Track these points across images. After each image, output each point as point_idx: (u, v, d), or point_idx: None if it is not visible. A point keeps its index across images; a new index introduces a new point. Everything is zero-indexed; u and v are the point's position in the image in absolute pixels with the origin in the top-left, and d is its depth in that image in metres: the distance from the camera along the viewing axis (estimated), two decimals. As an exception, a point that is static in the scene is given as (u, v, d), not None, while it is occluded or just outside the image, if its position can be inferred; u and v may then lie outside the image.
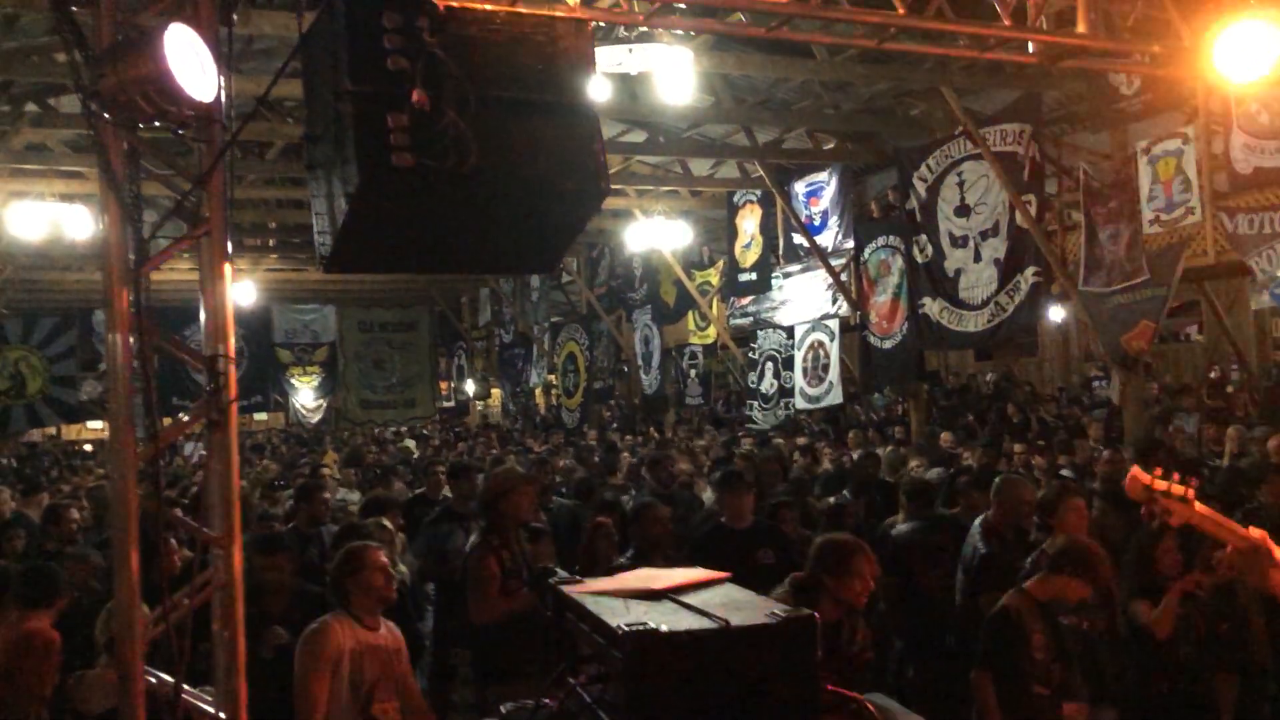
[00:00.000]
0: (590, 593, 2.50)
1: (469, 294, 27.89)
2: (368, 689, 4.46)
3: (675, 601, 2.39)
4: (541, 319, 23.35)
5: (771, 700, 2.11)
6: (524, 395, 24.96)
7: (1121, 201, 11.53)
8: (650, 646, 2.05)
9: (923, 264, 13.84)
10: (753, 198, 16.94)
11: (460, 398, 29.03)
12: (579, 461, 12.72)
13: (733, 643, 2.12)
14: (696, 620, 2.21)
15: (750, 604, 2.36)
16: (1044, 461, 9.92)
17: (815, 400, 15.87)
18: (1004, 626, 4.68)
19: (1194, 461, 8.95)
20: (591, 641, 2.28)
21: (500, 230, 3.72)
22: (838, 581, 4.35)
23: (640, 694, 2.06)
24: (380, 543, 5.96)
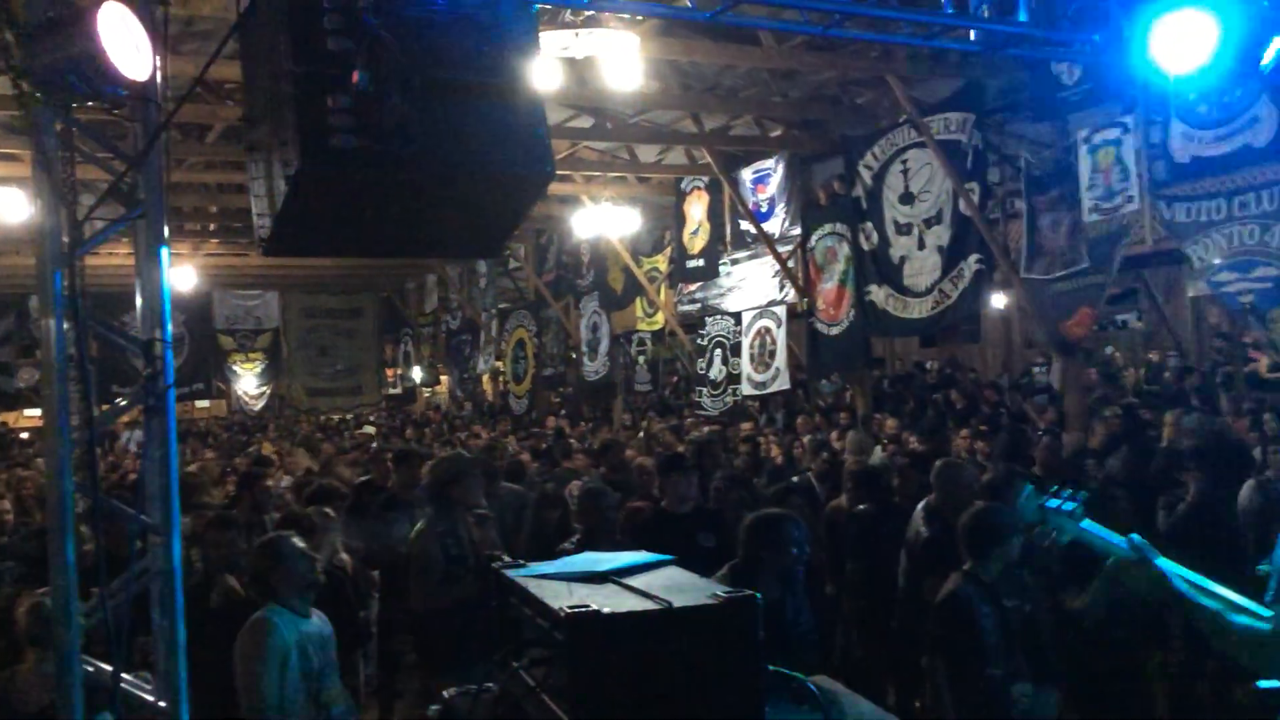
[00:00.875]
0: (533, 576, 2.51)
1: (415, 280, 27.65)
2: (317, 676, 4.44)
3: (618, 584, 2.40)
4: (489, 305, 23.23)
5: (714, 681, 2.12)
6: (471, 382, 24.83)
7: (1062, 190, 11.69)
8: (592, 628, 2.06)
9: (869, 251, 13.95)
10: (700, 184, 16.97)
11: (407, 385, 28.82)
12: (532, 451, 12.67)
13: (675, 624, 2.13)
14: (639, 602, 2.22)
15: (693, 586, 2.37)
16: (986, 447, 10.04)
17: (762, 386, 15.96)
18: (954, 610, 4.74)
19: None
20: (534, 625, 2.28)
21: (443, 214, 3.70)
22: (774, 553, 4.41)
23: (582, 676, 2.06)
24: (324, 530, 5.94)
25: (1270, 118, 9.69)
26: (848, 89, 13.99)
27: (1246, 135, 10.03)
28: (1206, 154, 10.37)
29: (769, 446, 11.52)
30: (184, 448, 16.06)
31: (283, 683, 4.26)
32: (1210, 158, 10.33)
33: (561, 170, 16.31)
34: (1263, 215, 9.95)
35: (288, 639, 4.34)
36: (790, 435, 12.89)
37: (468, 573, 5.14)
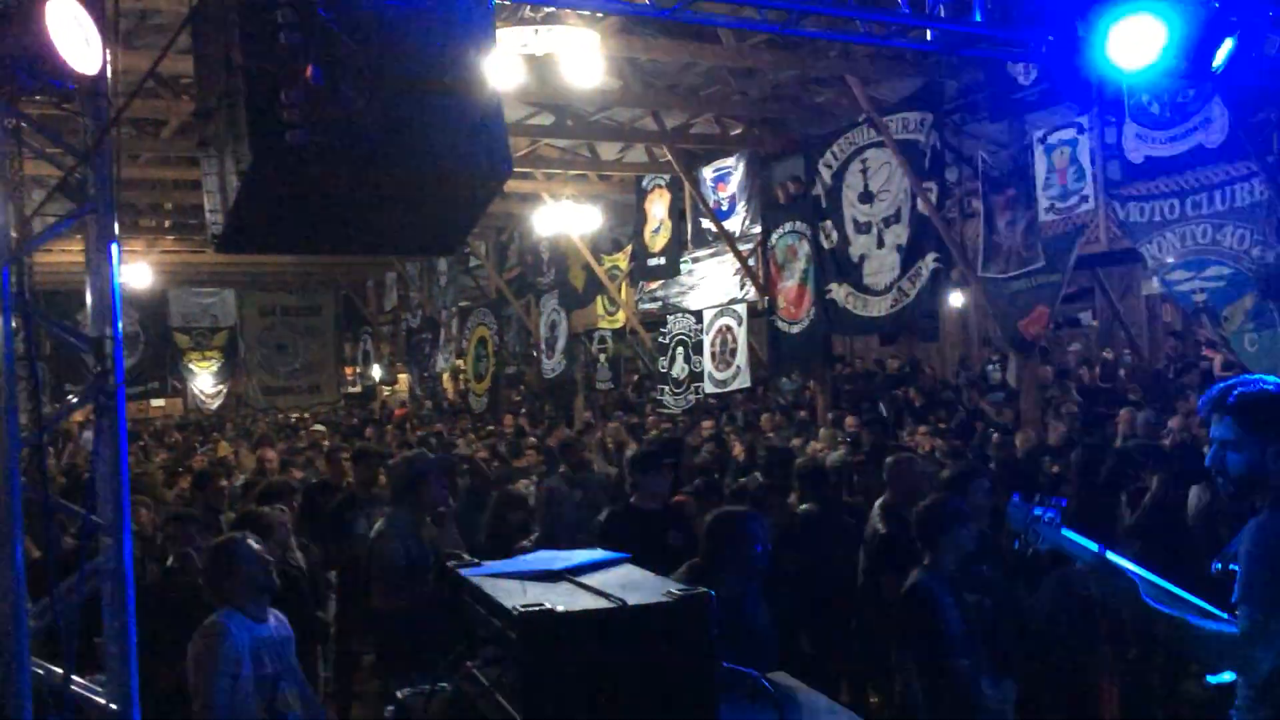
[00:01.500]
0: (487, 575, 2.49)
1: (374, 278, 27.45)
2: (271, 682, 4.38)
3: (573, 582, 2.39)
4: (449, 303, 23.11)
5: (668, 679, 2.11)
6: (432, 380, 24.71)
7: (1018, 189, 11.81)
8: (545, 627, 2.04)
9: (829, 249, 14.02)
10: (661, 182, 16.98)
11: (366, 383, 28.61)
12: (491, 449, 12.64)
13: (629, 622, 2.12)
14: (593, 600, 2.21)
15: (648, 584, 2.36)
16: (944, 444, 10.12)
17: (723, 384, 16.00)
18: (918, 603, 4.77)
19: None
20: (488, 624, 2.27)
21: (399, 211, 3.66)
22: (734, 551, 4.41)
23: (536, 675, 2.05)
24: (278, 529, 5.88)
25: (1222, 118, 9.83)
26: (808, 88, 14.05)
27: (1199, 136, 10.17)
28: (1160, 154, 10.52)
29: (732, 444, 11.54)
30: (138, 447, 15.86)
31: (234, 689, 4.20)
32: (1164, 158, 10.47)
33: (522, 168, 16.25)
34: (1215, 215, 10.11)
35: (240, 644, 4.27)
36: (753, 433, 12.94)
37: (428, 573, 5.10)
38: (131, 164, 15.18)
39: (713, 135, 15.66)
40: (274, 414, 25.04)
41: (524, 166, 16.21)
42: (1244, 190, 9.92)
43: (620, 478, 8.23)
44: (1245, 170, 9.80)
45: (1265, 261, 9.72)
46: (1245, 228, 9.90)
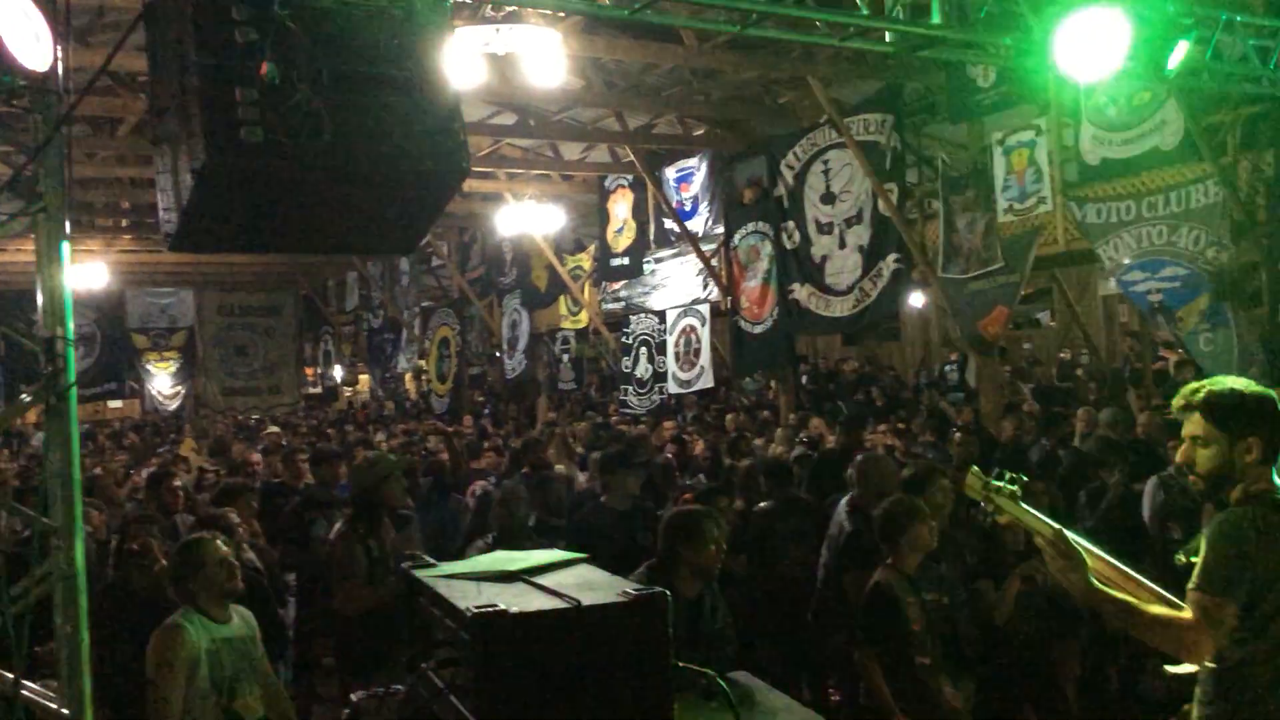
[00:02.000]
0: (443, 576, 2.47)
1: (335, 277, 27.25)
2: (229, 684, 4.33)
3: (528, 583, 2.37)
4: (412, 304, 23.00)
5: (623, 678, 2.11)
6: (394, 381, 24.56)
7: (977, 191, 11.91)
8: (499, 628, 2.03)
9: (791, 250, 14.08)
10: (624, 183, 16.98)
11: (328, 384, 28.40)
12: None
13: (583, 622, 2.11)
14: (547, 600, 2.19)
15: (604, 584, 2.35)
16: (904, 445, 10.18)
17: (687, 385, 16.03)
18: (880, 601, 4.80)
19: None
20: (443, 625, 2.25)
21: (356, 209, 3.63)
22: (692, 550, 4.42)
23: (490, 676, 2.04)
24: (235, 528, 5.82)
25: (1177, 121, 9.95)
26: (769, 89, 14.10)
27: (1155, 138, 10.29)
28: (1116, 156, 10.63)
29: (694, 443, 11.55)
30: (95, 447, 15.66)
31: (189, 691, 4.15)
32: (1120, 159, 10.58)
33: (485, 168, 16.20)
34: (1170, 216, 10.23)
35: (198, 646, 4.22)
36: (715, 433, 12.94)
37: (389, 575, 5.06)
38: (88, 162, 14.99)
39: (675, 135, 15.68)
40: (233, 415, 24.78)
41: (486, 166, 16.17)
42: (1199, 192, 10.05)
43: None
44: (1200, 172, 9.93)
45: (1220, 262, 9.85)
46: (1200, 229, 10.02)
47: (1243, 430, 3.05)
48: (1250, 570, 2.92)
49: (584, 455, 10.37)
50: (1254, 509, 2.99)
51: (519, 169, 17.01)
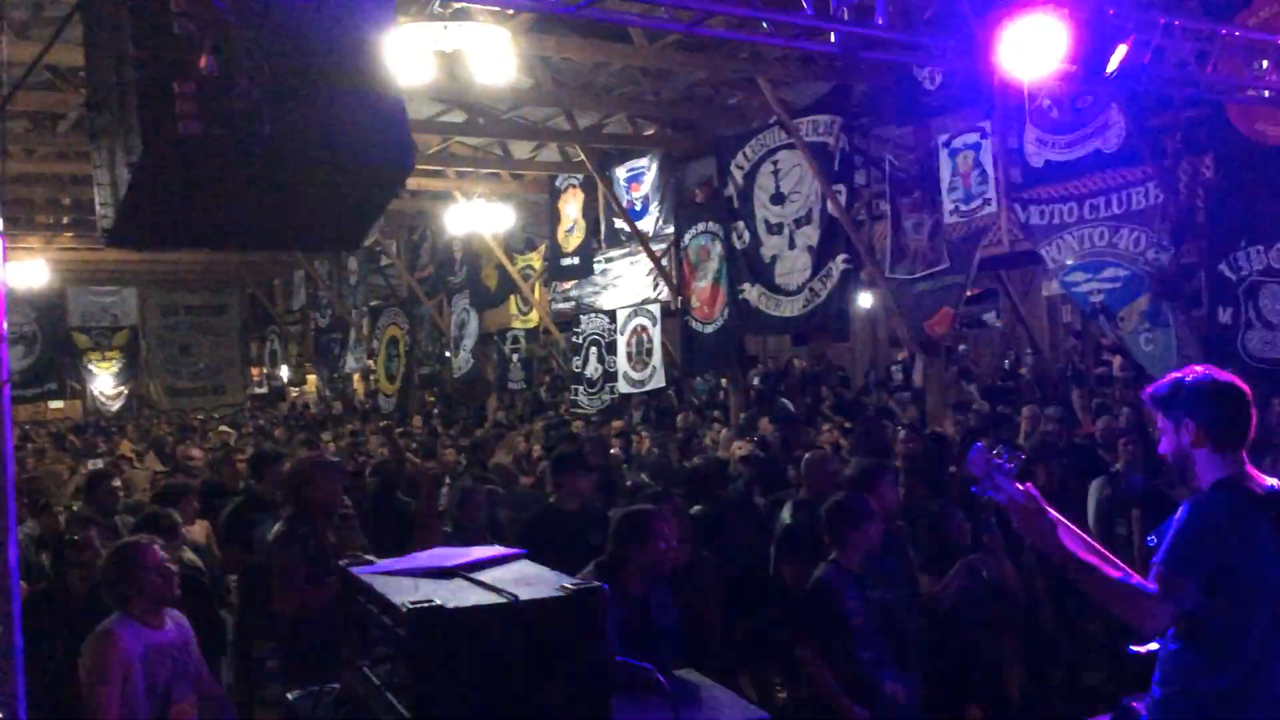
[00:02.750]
0: (380, 573, 2.44)
1: (281, 276, 26.92)
2: (163, 691, 4.25)
3: (466, 578, 2.35)
4: (360, 303, 22.80)
5: (561, 673, 2.10)
6: (341, 381, 24.33)
7: (924, 192, 12.04)
8: (434, 623, 2.01)
9: (741, 250, 14.15)
10: (575, 182, 16.95)
11: (274, 384, 28.07)
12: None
13: (520, 617, 2.09)
14: (484, 596, 2.18)
15: (543, 579, 2.34)
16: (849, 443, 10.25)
17: (639, 385, 16.03)
18: (819, 597, 4.83)
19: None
20: (379, 622, 2.23)
21: (298, 206, 3.58)
22: (641, 549, 4.43)
23: (425, 672, 2.02)
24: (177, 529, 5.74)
25: (1119, 124, 10.13)
26: (719, 90, 14.16)
27: (1097, 141, 10.46)
28: (1059, 159, 10.80)
29: (641, 442, 11.56)
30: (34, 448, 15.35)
31: (124, 698, 4.07)
32: (1063, 162, 10.75)
33: (434, 166, 16.10)
34: (1112, 218, 10.41)
35: (132, 652, 4.13)
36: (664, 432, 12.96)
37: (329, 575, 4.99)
38: (27, 158, 14.72)
39: (625, 135, 15.68)
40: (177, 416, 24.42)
41: (436, 164, 16.08)
42: (1139, 194, 10.24)
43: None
44: (1141, 175, 10.11)
45: (1159, 263, 10.05)
46: (1141, 231, 10.21)
47: (1180, 414, 3.18)
48: (1215, 552, 3.01)
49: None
50: (1226, 494, 3.10)
51: (468, 168, 16.93)
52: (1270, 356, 9.53)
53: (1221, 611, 3.03)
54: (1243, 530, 3.04)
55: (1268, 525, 3.07)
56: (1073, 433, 9.32)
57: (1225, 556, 3.02)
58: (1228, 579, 3.02)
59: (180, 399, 26.33)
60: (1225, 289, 9.75)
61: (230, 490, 8.39)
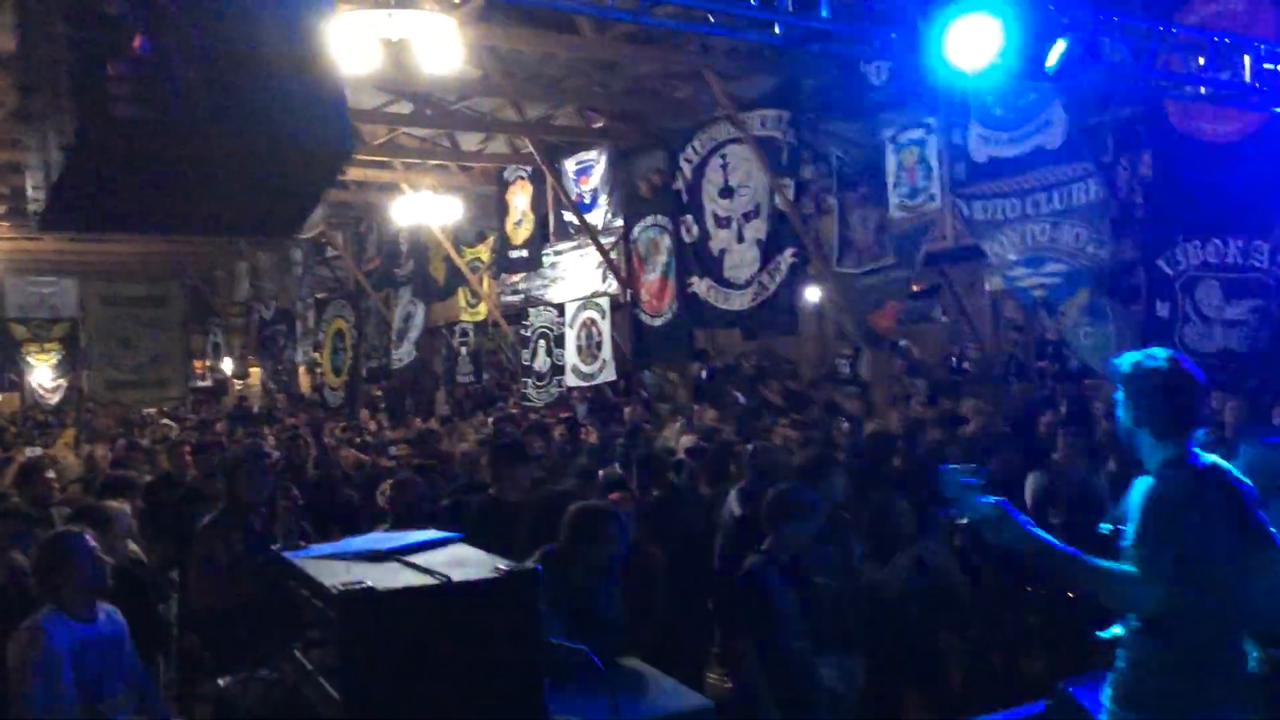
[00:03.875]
0: (313, 557, 2.42)
1: (224, 267, 26.52)
2: (93, 685, 4.17)
3: (400, 561, 2.34)
4: (305, 295, 22.54)
5: (494, 655, 2.09)
6: (286, 374, 24.04)
7: (870, 187, 12.14)
8: (364, 605, 1.99)
9: (690, 244, 14.18)
10: (523, 174, 16.89)
11: (217, 377, 27.67)
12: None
13: (452, 599, 2.08)
14: (416, 577, 2.17)
15: (477, 562, 2.33)
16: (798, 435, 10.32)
17: (589, 378, 16.01)
18: (751, 588, 4.85)
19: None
20: (311, 605, 2.20)
21: (235, 190, 3.53)
22: (590, 547, 4.43)
23: (356, 654, 2.00)
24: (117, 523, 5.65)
25: (1061, 121, 10.27)
26: (668, 82, 14.15)
27: (1039, 138, 10.60)
28: (1002, 155, 10.93)
29: (589, 433, 11.56)
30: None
31: (51, 693, 3.99)
32: (1006, 158, 10.88)
33: (380, 157, 15.96)
34: (1053, 214, 10.55)
35: (60, 647, 4.05)
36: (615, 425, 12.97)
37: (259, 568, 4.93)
38: (-40, 145, 14.37)
39: (574, 128, 15.63)
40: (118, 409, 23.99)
41: (382, 155, 15.93)
42: (1080, 190, 10.39)
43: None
44: (1082, 171, 10.26)
45: (1099, 259, 10.20)
46: (1081, 226, 10.36)
47: (1131, 393, 3.36)
48: (1182, 528, 3.12)
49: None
50: (1176, 473, 3.22)
51: (415, 159, 16.79)
52: (1206, 350, 9.71)
53: (1188, 586, 3.11)
54: (1200, 506, 3.15)
55: (1217, 496, 3.18)
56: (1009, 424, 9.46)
57: (1189, 532, 3.12)
58: (1193, 554, 3.12)
59: (121, 392, 25.84)
60: (1163, 284, 9.92)
61: (179, 482, 8.28)
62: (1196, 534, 3.13)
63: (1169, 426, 3.28)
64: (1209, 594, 3.14)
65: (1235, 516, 3.19)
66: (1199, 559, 3.12)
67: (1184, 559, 3.12)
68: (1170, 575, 3.10)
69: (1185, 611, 3.15)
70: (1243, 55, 6.69)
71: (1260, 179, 9.31)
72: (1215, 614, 3.15)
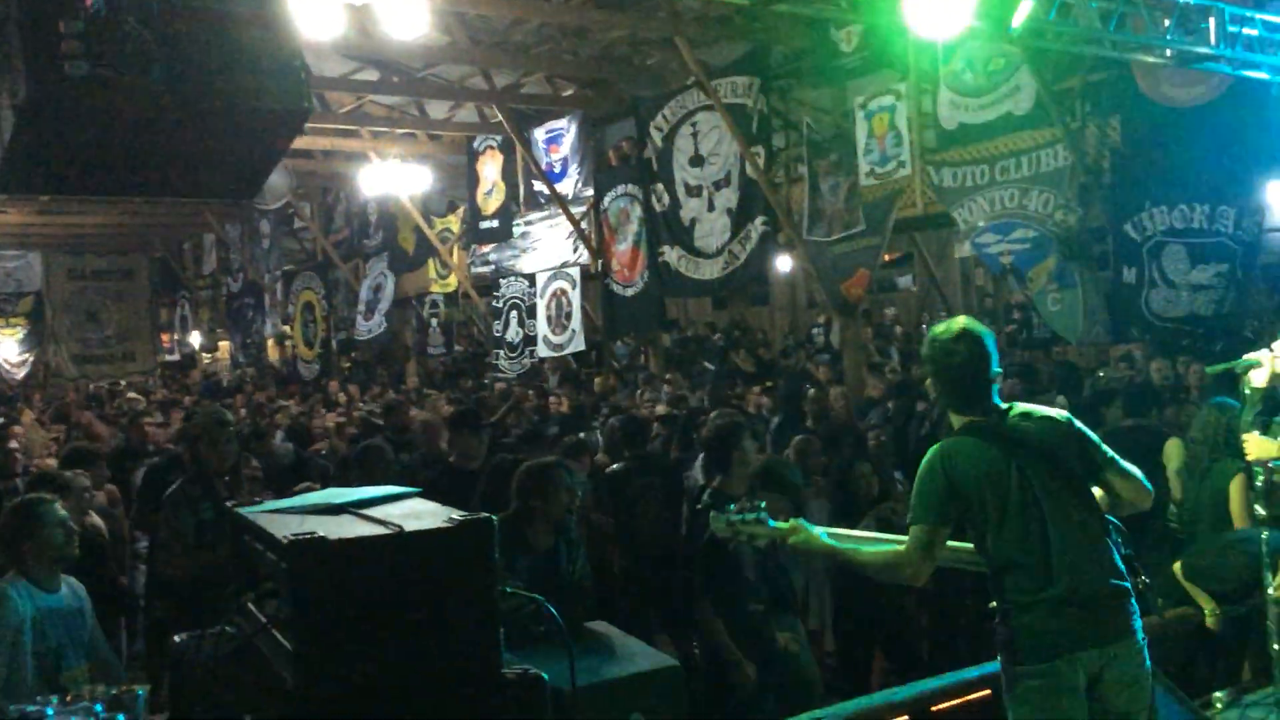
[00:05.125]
0: (268, 511, 2.40)
1: (191, 240, 26.22)
2: (54, 656, 4.14)
3: (354, 514, 2.32)
4: (273, 267, 22.33)
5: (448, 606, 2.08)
6: (255, 347, 23.85)
7: (841, 155, 12.12)
8: (315, 554, 1.97)
9: (660, 213, 14.13)
10: (493, 143, 16.76)
11: (185, 350, 27.42)
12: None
13: (405, 548, 2.07)
14: (370, 528, 2.15)
15: (432, 513, 2.32)
16: (769, 402, 10.37)
17: (559, 348, 15.97)
18: (714, 552, 4.89)
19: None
20: (265, 558, 2.19)
21: (191, 149, 3.49)
22: (544, 500, 4.46)
23: (307, 605, 1.98)
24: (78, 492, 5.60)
25: (1030, 86, 10.26)
26: (638, 49, 14.07)
27: (1008, 103, 10.60)
28: (972, 121, 10.92)
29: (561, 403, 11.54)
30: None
31: (12, 661, 3.95)
32: (975, 124, 10.87)
33: (347, 125, 15.80)
34: (1022, 180, 10.57)
35: (22, 614, 4.00)
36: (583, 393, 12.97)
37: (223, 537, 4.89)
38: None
39: (544, 96, 15.53)
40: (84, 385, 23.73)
41: (349, 124, 15.78)
42: (1049, 156, 10.41)
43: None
44: (1050, 137, 10.27)
45: (1067, 225, 10.24)
46: (1049, 192, 10.38)
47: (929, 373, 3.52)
48: (951, 496, 3.24)
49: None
50: (947, 445, 3.34)
51: (383, 127, 16.62)
52: (1173, 315, 9.80)
53: (990, 534, 3.24)
54: (956, 464, 3.25)
55: (997, 452, 3.26)
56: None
57: (960, 492, 3.23)
58: (973, 508, 3.24)
59: (89, 366, 25.57)
60: (1130, 249, 9.98)
61: (141, 453, 8.23)
62: (967, 488, 3.22)
63: (953, 401, 3.44)
64: (1015, 540, 3.22)
65: (1026, 458, 3.25)
66: (983, 510, 3.22)
67: (974, 524, 3.25)
68: (928, 544, 3.22)
69: (1004, 563, 3.26)
70: (1208, 18, 6.70)
71: (1226, 144, 9.36)
72: (1030, 556, 3.22)
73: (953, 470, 3.24)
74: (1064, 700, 3.18)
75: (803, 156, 12.71)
